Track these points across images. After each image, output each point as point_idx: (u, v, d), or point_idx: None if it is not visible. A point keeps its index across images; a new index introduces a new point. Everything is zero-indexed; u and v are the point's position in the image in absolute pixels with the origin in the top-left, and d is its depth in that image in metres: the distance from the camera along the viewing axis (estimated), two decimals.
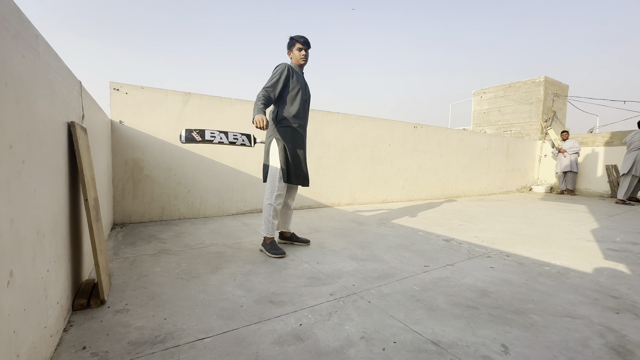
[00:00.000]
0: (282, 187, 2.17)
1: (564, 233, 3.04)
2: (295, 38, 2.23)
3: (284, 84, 2.14)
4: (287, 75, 2.15)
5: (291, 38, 2.24)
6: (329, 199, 4.40)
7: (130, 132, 3.01)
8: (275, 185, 2.16)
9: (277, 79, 2.12)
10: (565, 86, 8.62)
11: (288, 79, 2.16)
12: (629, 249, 2.51)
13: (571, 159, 6.90)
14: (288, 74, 2.16)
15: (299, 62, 2.26)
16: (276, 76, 2.12)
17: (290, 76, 2.17)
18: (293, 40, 2.23)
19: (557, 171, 7.15)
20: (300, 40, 2.22)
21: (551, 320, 1.35)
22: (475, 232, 3.01)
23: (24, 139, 0.87)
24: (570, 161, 6.90)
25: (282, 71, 2.14)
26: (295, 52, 2.24)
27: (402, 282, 1.74)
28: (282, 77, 2.13)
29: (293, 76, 2.18)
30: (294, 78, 2.18)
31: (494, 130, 8.97)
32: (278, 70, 2.15)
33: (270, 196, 2.17)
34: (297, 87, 2.18)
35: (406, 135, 5.19)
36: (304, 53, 2.24)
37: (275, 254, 2.11)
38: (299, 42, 2.22)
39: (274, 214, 2.17)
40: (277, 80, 2.11)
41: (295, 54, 2.24)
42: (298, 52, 2.23)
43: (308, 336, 1.19)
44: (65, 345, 1.09)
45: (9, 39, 0.80)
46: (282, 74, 2.13)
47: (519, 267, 2.01)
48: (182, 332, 1.19)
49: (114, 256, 2.05)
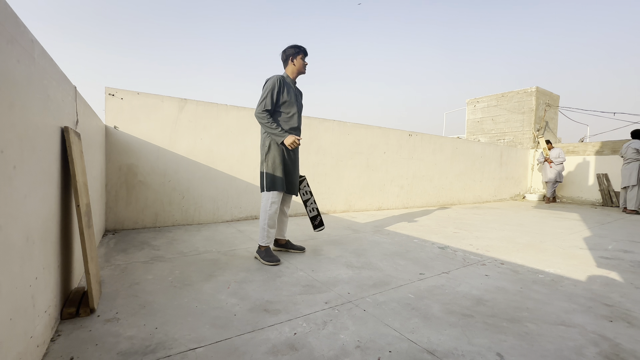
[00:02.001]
0: (277, 194, 2.17)
1: (557, 241, 3.06)
2: (301, 47, 2.23)
3: (277, 97, 2.14)
4: (279, 89, 2.14)
5: (297, 47, 2.22)
6: (325, 206, 4.40)
7: (124, 138, 2.99)
8: (270, 193, 2.15)
9: (269, 94, 2.11)
10: (557, 96, 8.80)
11: (280, 93, 2.15)
12: (620, 257, 2.53)
13: (557, 169, 6.98)
14: (280, 87, 2.15)
15: (301, 71, 2.26)
16: (268, 91, 2.12)
17: (282, 89, 2.16)
18: (299, 49, 2.22)
19: (545, 180, 7.20)
20: (305, 50, 2.24)
21: (546, 328, 1.35)
22: (470, 239, 3.02)
23: (16, 143, 0.86)
24: (557, 171, 6.98)
25: (273, 86, 2.12)
26: (300, 61, 2.23)
27: (397, 290, 1.73)
28: (274, 92, 2.12)
29: (284, 88, 2.16)
30: (285, 90, 2.17)
31: (488, 138, 9.10)
32: (269, 84, 2.14)
33: (266, 204, 2.16)
34: (290, 98, 2.18)
35: (401, 143, 5.23)
36: (306, 63, 2.27)
37: (270, 262, 2.09)
38: (304, 52, 2.23)
39: (270, 222, 2.16)
40: (271, 96, 2.12)
41: (300, 62, 2.23)
42: (302, 61, 2.24)
43: (302, 345, 1.17)
44: (52, 355, 1.06)
45: (3, 44, 0.80)
46: (274, 89, 2.12)
47: (514, 275, 2.02)
48: (174, 342, 1.17)
49: (105, 263, 2.01)
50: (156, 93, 3.14)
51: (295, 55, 2.23)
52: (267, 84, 2.16)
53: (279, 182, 2.15)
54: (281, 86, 2.15)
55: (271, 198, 2.15)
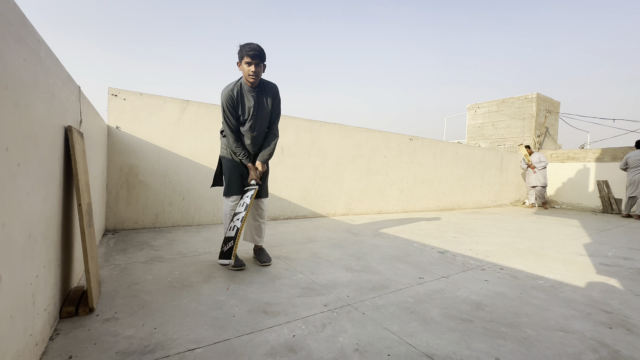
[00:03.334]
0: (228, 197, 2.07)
1: (557, 247, 3.06)
2: (243, 49, 1.78)
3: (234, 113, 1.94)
4: (231, 106, 1.89)
5: (240, 47, 1.80)
6: (325, 209, 4.40)
7: (126, 138, 3.00)
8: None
9: (223, 114, 1.94)
10: (557, 103, 8.84)
11: (234, 107, 1.90)
12: (620, 264, 2.53)
13: (542, 173, 6.95)
14: (231, 103, 1.89)
15: (251, 78, 1.82)
16: (222, 111, 1.94)
17: (234, 104, 1.89)
18: (241, 51, 1.80)
19: (532, 185, 7.11)
20: (250, 52, 1.75)
21: (545, 334, 1.35)
22: (470, 244, 3.02)
23: (20, 141, 0.87)
24: (543, 176, 6.95)
25: (223, 107, 1.91)
26: (244, 67, 1.80)
27: (396, 293, 1.73)
28: (227, 111, 1.91)
29: (237, 102, 1.90)
30: (239, 103, 1.91)
31: (488, 144, 9.12)
32: (221, 106, 1.94)
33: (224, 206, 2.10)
34: (244, 111, 1.94)
35: (402, 147, 5.25)
36: (253, 69, 1.79)
37: (233, 266, 1.96)
38: (247, 55, 1.76)
39: (229, 225, 2.02)
40: (225, 115, 1.94)
41: (244, 68, 1.81)
42: (247, 66, 1.79)
43: (301, 348, 1.17)
44: (51, 354, 1.06)
45: (11, 43, 0.81)
46: (225, 109, 1.91)
47: (513, 281, 2.02)
48: (172, 342, 1.17)
49: (105, 263, 2.01)
50: (159, 94, 3.16)
51: (240, 60, 1.83)
52: (221, 101, 1.93)
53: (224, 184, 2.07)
54: (232, 102, 1.89)
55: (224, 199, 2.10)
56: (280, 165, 3.96)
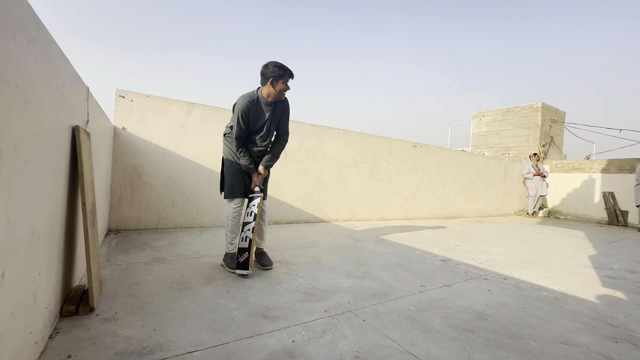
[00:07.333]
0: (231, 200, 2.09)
1: (562, 258, 3.02)
2: (287, 70, 1.93)
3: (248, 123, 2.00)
4: (247, 115, 1.96)
5: (282, 68, 1.92)
6: (327, 214, 4.39)
7: (132, 139, 3.03)
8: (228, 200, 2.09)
9: (237, 121, 1.97)
10: (563, 113, 8.80)
11: (248, 117, 1.98)
12: (626, 277, 2.49)
13: (546, 182, 7.15)
14: (247, 113, 1.96)
15: (279, 96, 1.98)
16: (236, 120, 1.98)
17: (250, 114, 1.97)
18: (284, 71, 1.92)
19: (533, 194, 7.13)
20: (292, 73, 1.96)
21: (548, 346, 1.32)
22: (473, 253, 2.99)
23: (28, 139, 0.88)
24: (546, 184, 7.16)
25: (239, 114, 1.94)
26: (280, 85, 1.94)
27: (398, 301, 1.71)
28: (241, 120, 1.95)
29: (254, 113, 1.98)
30: (255, 116, 1.99)
31: (492, 152, 9.08)
32: (236, 113, 1.97)
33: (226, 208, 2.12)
34: (257, 123, 2.03)
35: (405, 153, 5.24)
36: (288, 87, 1.99)
37: (233, 269, 1.98)
38: (289, 76, 1.95)
39: (231, 228, 2.07)
40: (239, 123, 1.97)
41: (279, 86, 1.94)
42: (283, 86, 1.95)
43: (300, 353, 1.16)
44: (50, 352, 1.06)
45: (23, 43, 0.82)
46: (240, 118, 1.95)
47: (516, 291, 1.99)
48: (171, 344, 1.16)
49: (106, 263, 2.02)
50: (165, 96, 3.19)
51: (277, 79, 1.92)
52: (235, 111, 1.98)
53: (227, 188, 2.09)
54: (248, 113, 1.96)
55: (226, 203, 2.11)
56: (283, 170, 3.96)
